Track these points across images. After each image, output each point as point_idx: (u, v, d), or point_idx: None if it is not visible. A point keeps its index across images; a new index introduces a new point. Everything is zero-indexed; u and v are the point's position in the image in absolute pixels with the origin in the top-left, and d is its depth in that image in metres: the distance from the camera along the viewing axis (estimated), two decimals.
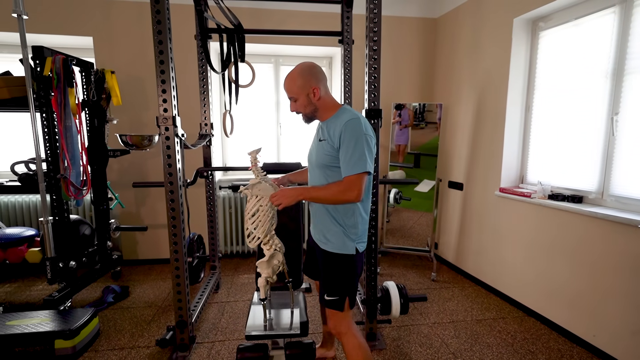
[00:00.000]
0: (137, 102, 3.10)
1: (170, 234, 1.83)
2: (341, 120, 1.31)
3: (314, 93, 1.37)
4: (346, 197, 1.28)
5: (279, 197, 1.38)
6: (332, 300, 1.41)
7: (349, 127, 1.27)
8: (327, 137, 1.35)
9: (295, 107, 1.43)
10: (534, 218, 2.33)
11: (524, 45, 2.50)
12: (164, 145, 1.76)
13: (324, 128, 1.40)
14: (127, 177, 3.17)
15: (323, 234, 1.43)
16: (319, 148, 1.40)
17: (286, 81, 1.41)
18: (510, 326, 2.25)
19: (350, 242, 1.39)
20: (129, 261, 3.30)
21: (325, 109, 1.41)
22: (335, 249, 1.39)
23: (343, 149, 1.28)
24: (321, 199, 1.34)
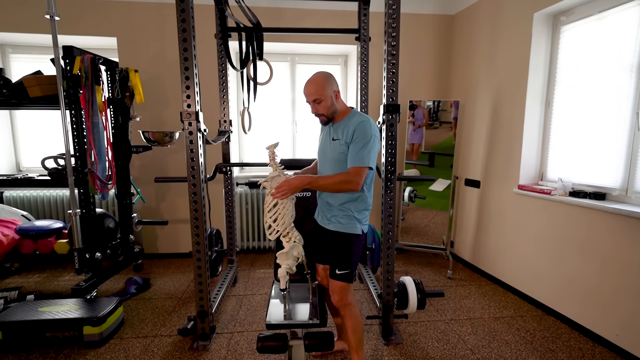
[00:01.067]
0: (158, 101, 3.19)
1: (192, 227, 1.89)
2: (354, 121, 1.51)
3: (336, 95, 1.55)
4: (348, 185, 1.46)
5: (285, 187, 1.48)
6: (343, 273, 1.57)
7: (361, 127, 1.47)
8: (341, 137, 1.52)
9: (318, 108, 1.55)
10: (555, 215, 2.29)
11: (544, 40, 2.47)
12: (187, 139, 1.82)
13: (338, 129, 1.56)
14: (148, 173, 3.26)
15: (335, 218, 1.59)
16: (333, 147, 1.56)
17: (311, 85, 1.53)
18: (529, 324, 2.23)
19: (358, 224, 1.58)
20: (150, 255, 3.40)
21: (340, 111, 1.59)
22: (346, 230, 1.57)
23: (353, 144, 1.47)
24: (326, 186, 1.50)
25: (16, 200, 3.17)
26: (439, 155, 3.19)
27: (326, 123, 1.60)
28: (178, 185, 3.32)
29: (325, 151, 1.63)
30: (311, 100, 1.53)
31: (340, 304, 1.61)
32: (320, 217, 1.70)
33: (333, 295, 1.62)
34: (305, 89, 1.54)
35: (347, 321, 1.64)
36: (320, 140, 1.70)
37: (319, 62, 3.63)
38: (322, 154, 1.66)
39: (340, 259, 1.58)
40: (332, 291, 1.63)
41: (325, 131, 1.67)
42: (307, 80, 1.55)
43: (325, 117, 1.56)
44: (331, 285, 1.63)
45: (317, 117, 1.60)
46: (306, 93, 1.54)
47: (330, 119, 1.58)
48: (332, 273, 1.60)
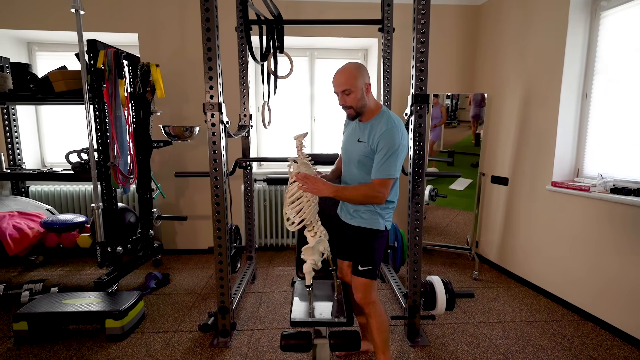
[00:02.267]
0: (178, 96, 3.19)
1: (214, 221, 1.85)
2: (381, 127, 1.42)
3: (367, 89, 1.46)
4: (373, 200, 1.42)
5: (312, 185, 1.42)
6: (366, 269, 1.51)
7: (388, 136, 1.38)
8: (366, 140, 1.45)
9: (347, 100, 1.46)
10: (594, 214, 2.15)
11: (581, 28, 2.32)
12: (210, 131, 1.78)
13: (365, 130, 1.48)
14: (168, 169, 3.27)
15: (358, 214, 1.53)
16: (359, 148, 1.49)
17: (342, 75, 1.43)
18: (566, 329, 2.09)
19: (381, 220, 1.52)
20: (169, 250, 3.41)
21: (370, 107, 1.49)
22: (369, 225, 1.51)
23: (379, 154, 1.40)
24: (350, 198, 1.45)
25: (41, 194, 3.23)
26: (458, 154, 3.07)
27: (354, 117, 1.51)
28: (197, 180, 3.31)
29: (349, 151, 1.56)
30: (340, 91, 1.44)
31: (364, 301, 1.55)
32: (342, 212, 1.64)
33: (356, 293, 1.56)
34: (335, 79, 1.45)
35: (372, 320, 1.57)
36: (345, 137, 1.63)
37: (339, 57, 3.56)
38: (347, 153, 1.58)
39: (362, 255, 1.53)
40: (355, 288, 1.57)
41: (350, 128, 1.60)
42: (338, 70, 1.46)
43: (354, 110, 1.46)
44: (354, 282, 1.57)
45: (344, 110, 1.51)
46: (335, 83, 1.45)
47: (358, 113, 1.48)
48: (355, 269, 1.54)
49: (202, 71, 1.81)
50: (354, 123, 1.58)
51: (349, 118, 1.54)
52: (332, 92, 1.50)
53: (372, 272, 1.52)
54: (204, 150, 3.27)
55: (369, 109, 1.49)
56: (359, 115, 1.49)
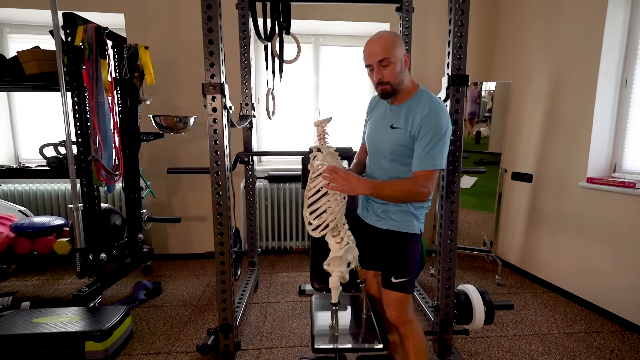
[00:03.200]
0: (170, 84, 2.88)
1: (215, 224, 1.56)
2: (422, 109, 1.18)
3: (406, 62, 1.22)
4: (418, 197, 1.18)
5: (343, 181, 1.14)
6: (401, 282, 1.28)
7: (433, 118, 1.15)
8: (403, 126, 1.22)
9: (384, 74, 1.19)
10: (638, 213, 1.93)
11: (621, 8, 2.10)
12: (210, 118, 1.50)
13: (400, 113, 1.24)
14: (158, 165, 2.96)
15: (387, 215, 1.30)
16: (392, 136, 1.25)
17: (378, 41, 1.17)
18: (611, 342, 1.87)
19: (416, 222, 1.30)
20: (160, 255, 3.09)
21: (406, 86, 1.24)
22: (402, 228, 1.28)
23: (422, 141, 1.17)
24: (391, 196, 1.20)
25: (14, 194, 2.88)
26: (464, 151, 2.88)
27: (388, 95, 1.22)
28: (191, 178, 3.01)
29: (379, 140, 1.30)
30: (376, 62, 1.16)
31: (399, 320, 1.31)
32: (367, 213, 1.39)
33: (389, 310, 1.31)
34: (369, 47, 1.18)
35: (409, 342, 1.31)
36: (372, 124, 1.36)
37: (346, 44, 3.29)
38: (375, 143, 1.32)
39: (395, 264, 1.29)
40: (387, 305, 1.32)
41: (379, 113, 1.33)
42: (371, 38, 1.19)
43: (391, 86, 1.19)
44: (386, 297, 1.32)
45: (378, 87, 1.22)
46: (370, 52, 1.17)
47: (394, 90, 1.21)
48: (387, 282, 1.30)
49: (197, 56, 1.58)
50: (384, 106, 1.32)
51: (383, 96, 1.23)
52: (338, 82, 1.24)
53: (408, 285, 1.28)
54: (199, 144, 2.97)
55: (405, 88, 1.23)
56: (394, 94, 1.22)
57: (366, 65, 1.21)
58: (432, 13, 2.99)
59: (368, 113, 1.44)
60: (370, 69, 1.21)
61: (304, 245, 3.22)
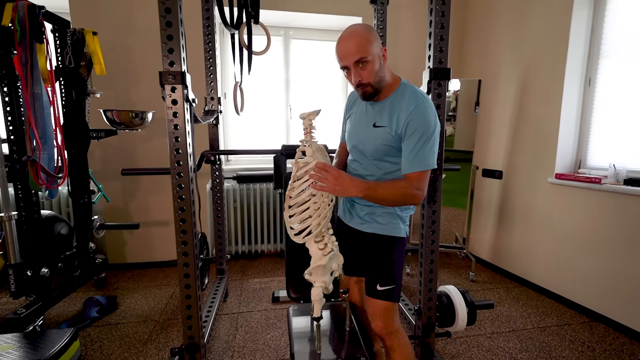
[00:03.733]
0: (124, 75, 2.60)
1: (177, 232, 1.38)
2: (407, 105, 1.08)
3: (384, 56, 1.09)
4: (412, 200, 1.08)
5: (334, 181, 1.02)
6: (387, 290, 1.18)
7: (418, 116, 1.06)
8: (388, 124, 1.11)
9: (362, 75, 1.06)
10: (605, 208, 2.00)
11: (585, 9, 2.16)
12: (170, 111, 1.31)
13: (382, 111, 1.13)
14: (112, 166, 2.67)
15: (372, 218, 1.21)
16: (375, 135, 1.14)
17: (352, 40, 1.04)
18: (581, 334, 1.92)
19: (402, 224, 1.22)
20: (116, 266, 2.80)
21: (388, 82, 1.13)
22: (387, 232, 1.19)
23: (409, 141, 1.07)
24: (385, 198, 1.08)
25: None
26: None
27: (371, 97, 1.11)
28: (151, 180, 2.75)
29: (361, 139, 1.19)
30: (352, 63, 1.03)
31: (385, 331, 1.20)
32: (348, 215, 1.29)
33: (375, 321, 1.21)
34: (343, 47, 1.04)
35: (395, 354, 1.23)
36: (352, 122, 1.24)
37: (318, 38, 3.17)
38: (356, 142, 1.21)
39: (380, 270, 1.20)
40: (372, 315, 1.22)
41: (359, 111, 1.22)
42: (343, 35, 1.05)
43: (372, 87, 1.08)
44: (371, 307, 1.22)
45: (358, 89, 1.10)
46: (344, 53, 1.04)
47: (376, 90, 1.09)
48: (372, 290, 1.20)
49: (155, 44, 1.34)
50: (363, 104, 1.20)
51: (365, 98, 1.12)
52: (309, 77, 1.12)
53: (394, 293, 1.19)
54: (159, 142, 2.71)
55: (386, 84, 1.11)
56: (377, 94, 1.11)
57: (341, 67, 1.09)
58: (405, 8, 2.96)
59: (347, 110, 1.32)
60: (346, 71, 1.08)
61: (276, 249, 3.07)
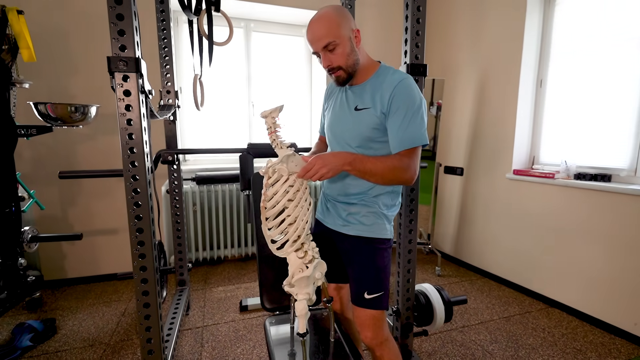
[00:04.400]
0: (59, 63, 2.27)
1: (133, 243, 1.19)
2: (390, 81, 1.03)
3: (356, 37, 1.05)
4: (403, 175, 1.00)
5: (319, 166, 0.93)
6: (375, 298, 1.11)
7: (403, 91, 1.00)
8: (371, 105, 1.05)
9: (332, 59, 1.02)
10: (559, 200, 2.14)
11: (537, 14, 2.30)
12: (122, 104, 1.12)
13: (362, 93, 1.08)
14: (47, 169, 2.32)
15: (356, 218, 1.12)
16: (357, 120, 1.08)
17: (320, 23, 1.00)
18: (541, 321, 2.04)
19: (388, 224, 1.15)
20: (53, 283, 2.44)
21: (364, 65, 1.08)
22: (372, 233, 1.12)
23: (395, 117, 1.01)
24: (374, 171, 0.98)
25: None
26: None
27: (345, 81, 1.07)
28: (95, 183, 2.43)
29: (341, 127, 1.12)
30: (321, 47, 1.00)
31: (376, 342, 1.14)
32: (329, 217, 1.21)
33: (364, 331, 1.14)
34: (311, 32, 1.01)
35: None
36: (332, 112, 1.18)
37: (280, 32, 3.05)
38: (337, 131, 1.15)
39: (367, 277, 1.12)
40: (361, 325, 1.15)
41: (338, 98, 1.16)
42: (312, 19, 1.02)
43: (344, 71, 1.04)
44: (359, 317, 1.15)
45: (331, 74, 1.06)
46: (313, 37, 1.01)
47: (350, 74, 1.05)
48: (359, 299, 1.13)
49: (97, 28, 1.16)
50: (341, 91, 1.15)
51: (339, 82, 1.08)
52: (272, 73, 1.05)
53: (383, 300, 1.13)
54: (105, 141, 2.41)
55: (362, 67, 1.07)
56: (351, 78, 1.07)
57: (313, 52, 1.04)
58: (370, 6, 2.95)
59: (325, 101, 1.26)
60: (317, 56, 1.04)
61: (241, 253, 2.90)
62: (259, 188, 1.61)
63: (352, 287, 1.15)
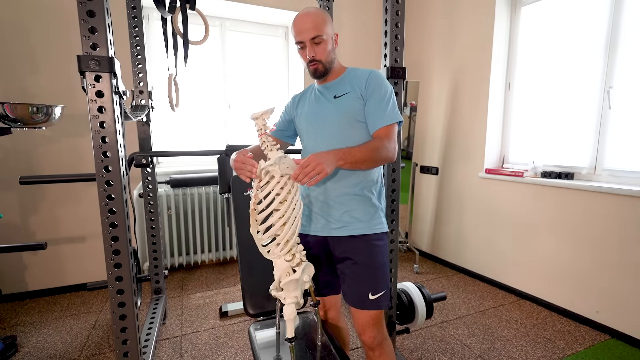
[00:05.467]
0: (16, 61, 2.11)
1: (108, 253, 1.13)
2: (362, 73, 1.14)
3: (335, 40, 1.16)
4: (387, 153, 1.06)
5: (316, 163, 0.92)
6: (379, 297, 1.11)
7: (376, 77, 1.12)
8: (351, 89, 1.13)
9: (317, 51, 1.09)
10: (528, 198, 2.26)
11: (504, 20, 2.42)
12: (94, 106, 1.06)
13: (338, 84, 1.16)
14: (5, 173, 2.15)
15: (351, 216, 1.12)
16: (338, 105, 1.13)
17: (309, 17, 1.08)
18: (514, 313, 2.14)
19: (383, 216, 1.17)
20: (13, 296, 2.27)
21: (336, 67, 1.18)
22: (370, 229, 1.12)
23: (372, 100, 1.10)
24: (364, 158, 1.03)
25: None
26: None
27: (320, 75, 1.13)
28: (59, 188, 2.28)
29: (324, 114, 1.15)
30: (309, 39, 1.07)
31: (377, 341, 1.14)
32: (316, 223, 1.16)
33: (366, 333, 1.13)
34: (300, 23, 1.08)
35: None
36: (308, 108, 1.20)
37: (256, 32, 3.00)
38: (318, 121, 1.16)
39: (369, 277, 1.11)
40: (364, 326, 1.13)
41: (310, 99, 1.20)
42: (301, 13, 1.10)
43: (323, 65, 1.11)
44: (360, 319, 1.13)
45: (310, 65, 1.11)
46: (300, 28, 1.07)
47: (326, 70, 1.13)
48: (362, 301, 1.11)
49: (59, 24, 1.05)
50: (313, 92, 1.21)
51: (315, 75, 1.14)
52: (248, 73, 1.06)
53: (386, 298, 1.13)
54: (70, 143, 2.27)
55: (335, 68, 1.17)
56: (326, 74, 1.14)
57: (297, 42, 1.10)
58: (346, 9, 2.97)
59: (294, 108, 1.26)
60: (301, 46, 1.10)
61: (219, 257, 2.83)
62: (239, 191, 1.57)
63: (351, 291, 1.13)
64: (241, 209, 1.52)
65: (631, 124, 1.89)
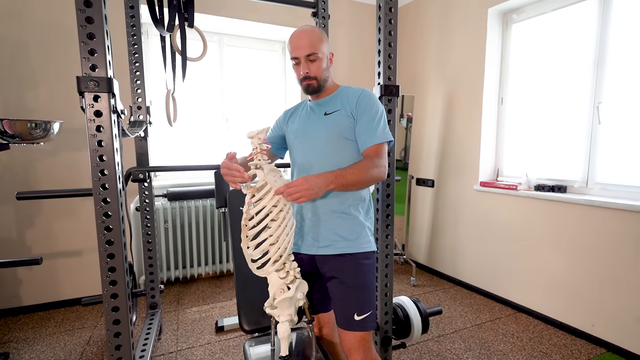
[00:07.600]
0: (17, 78, 2.14)
1: (104, 269, 1.13)
2: (354, 92, 1.17)
3: (330, 59, 1.19)
4: (377, 175, 1.08)
5: (304, 187, 0.94)
6: (365, 318, 1.11)
7: (367, 96, 1.15)
8: (341, 107, 1.15)
9: (311, 68, 1.12)
10: (522, 210, 2.28)
11: (496, 37, 2.48)
12: (92, 125, 1.08)
13: (329, 101, 1.18)
14: (1, 188, 2.15)
15: (337, 234, 1.12)
16: (329, 122, 1.15)
17: (306, 34, 1.12)
18: (510, 326, 2.14)
19: (370, 235, 1.17)
20: (6, 312, 2.25)
21: (330, 84, 1.20)
22: (357, 248, 1.12)
23: (363, 119, 1.12)
24: (356, 180, 1.04)
25: None
26: None
27: (313, 91, 1.16)
28: (56, 203, 2.29)
29: (314, 131, 1.17)
30: (304, 56, 1.10)
31: None
32: (306, 239, 1.16)
33: (354, 355, 1.12)
34: (297, 40, 1.11)
35: None
36: (298, 123, 1.23)
37: (254, 47, 3.06)
38: (307, 139, 1.18)
39: (355, 297, 1.11)
40: (350, 348, 1.13)
41: (302, 112, 1.24)
42: (298, 31, 1.13)
43: (317, 82, 1.14)
44: (347, 340, 1.13)
45: (303, 82, 1.14)
46: (297, 45, 1.11)
47: (320, 87, 1.15)
48: (348, 322, 1.11)
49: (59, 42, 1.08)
50: (305, 108, 1.24)
51: (308, 91, 1.17)
52: (246, 87, 1.08)
53: (372, 318, 1.13)
54: (68, 157, 2.29)
55: (328, 86, 1.19)
56: (319, 91, 1.17)
57: (292, 58, 1.14)
58: (342, 25, 3.04)
59: (285, 123, 1.29)
60: (296, 62, 1.13)
61: (215, 271, 2.82)
62: (235, 205, 1.59)
63: (338, 310, 1.14)
64: (237, 224, 1.53)
65: (620, 139, 1.93)
